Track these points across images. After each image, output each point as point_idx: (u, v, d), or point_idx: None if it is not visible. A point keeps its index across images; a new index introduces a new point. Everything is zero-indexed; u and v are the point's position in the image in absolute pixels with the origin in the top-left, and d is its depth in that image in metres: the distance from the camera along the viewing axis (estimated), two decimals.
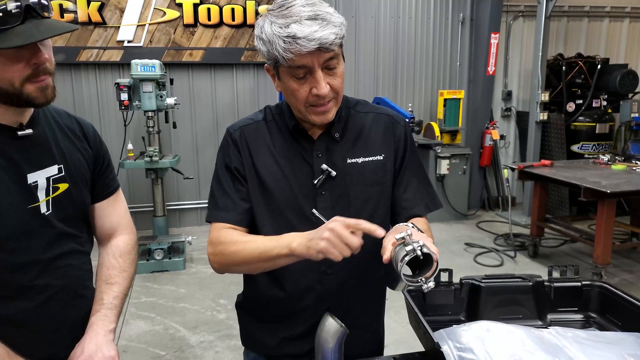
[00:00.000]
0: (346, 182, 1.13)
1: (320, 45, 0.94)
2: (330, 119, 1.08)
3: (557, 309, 1.31)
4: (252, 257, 1.05)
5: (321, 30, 0.94)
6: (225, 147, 1.16)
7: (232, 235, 1.09)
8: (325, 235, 0.91)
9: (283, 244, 0.99)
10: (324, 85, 1.00)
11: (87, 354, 1.05)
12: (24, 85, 0.94)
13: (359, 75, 5.63)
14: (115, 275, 1.20)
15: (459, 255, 4.48)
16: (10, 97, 0.95)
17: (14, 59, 0.92)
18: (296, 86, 1.02)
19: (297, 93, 1.03)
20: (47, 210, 1.04)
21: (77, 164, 1.12)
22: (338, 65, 1.03)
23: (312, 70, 0.99)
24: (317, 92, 1.01)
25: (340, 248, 0.91)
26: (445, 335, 0.94)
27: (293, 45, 0.94)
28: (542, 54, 5.19)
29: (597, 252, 3.60)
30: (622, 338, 0.96)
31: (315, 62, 0.98)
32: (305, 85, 1.02)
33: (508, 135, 6.24)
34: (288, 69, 1.01)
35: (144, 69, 3.93)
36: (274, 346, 1.21)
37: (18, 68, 0.93)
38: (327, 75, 1.01)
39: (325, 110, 1.05)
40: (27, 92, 0.95)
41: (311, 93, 1.02)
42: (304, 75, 1.00)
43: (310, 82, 1.01)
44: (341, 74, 1.04)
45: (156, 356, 2.86)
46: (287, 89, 1.05)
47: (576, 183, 3.56)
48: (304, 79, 1.01)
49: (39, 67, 0.95)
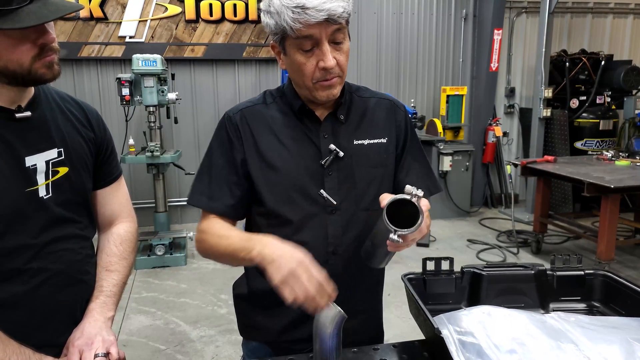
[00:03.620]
0: (352, 163, 1.13)
1: (329, 16, 0.95)
2: (335, 95, 1.07)
3: (559, 297, 1.28)
4: (224, 254, 1.06)
5: (330, 2, 0.95)
6: (222, 131, 1.15)
7: (215, 227, 1.10)
8: (292, 268, 0.89)
9: (248, 249, 0.98)
10: (330, 58, 1.00)
11: (87, 336, 1.04)
12: (33, 64, 0.94)
13: (362, 72, 5.61)
14: (115, 262, 1.19)
15: (462, 252, 4.46)
16: (17, 78, 0.95)
17: (21, 40, 0.92)
18: (303, 59, 1.02)
19: (304, 67, 1.03)
20: (46, 194, 1.02)
21: (78, 148, 1.11)
22: (344, 40, 1.03)
23: (320, 42, 0.99)
24: (324, 65, 1.01)
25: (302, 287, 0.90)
26: (446, 320, 0.93)
27: (302, 15, 0.95)
28: (545, 50, 5.15)
29: (601, 248, 3.57)
30: (626, 323, 0.94)
31: (323, 33, 0.98)
32: (312, 58, 1.02)
33: (511, 132, 6.21)
34: (295, 41, 1.00)
35: (145, 63, 3.92)
36: (276, 332, 1.19)
37: (26, 48, 0.92)
38: (333, 49, 1.02)
39: (330, 85, 1.05)
40: (35, 70, 0.95)
41: (318, 67, 1.02)
42: (311, 47, 1.01)
43: (317, 55, 1.01)
44: (347, 50, 1.05)
45: (156, 350, 2.85)
46: (293, 64, 1.05)
47: (579, 178, 3.54)
48: (311, 52, 1.01)
49: (45, 47, 0.95)
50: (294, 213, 1.11)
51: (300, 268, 0.89)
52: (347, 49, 1.05)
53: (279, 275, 0.89)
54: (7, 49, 0.91)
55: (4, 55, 0.91)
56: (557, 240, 4.74)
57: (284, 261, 0.90)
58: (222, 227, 1.09)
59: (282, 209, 1.11)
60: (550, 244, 4.63)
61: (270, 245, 0.95)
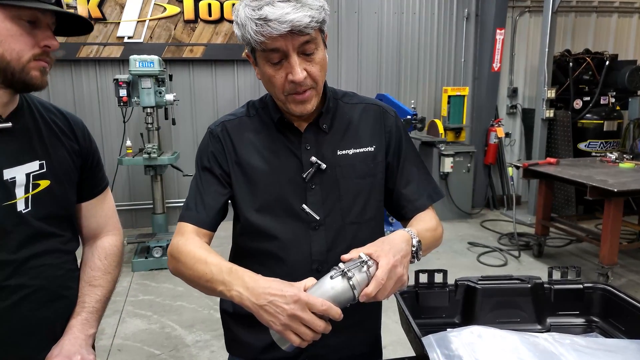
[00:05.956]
0: (336, 175, 1.08)
1: (292, 28, 0.90)
2: (309, 110, 1.02)
3: (557, 312, 1.24)
4: (199, 282, 0.97)
5: (294, 12, 0.89)
6: (204, 146, 1.13)
7: (192, 247, 1.01)
8: (284, 322, 0.81)
9: (227, 284, 0.90)
10: (299, 71, 0.95)
11: (65, 354, 1.01)
12: (30, 62, 0.94)
13: (362, 72, 5.56)
14: (99, 277, 1.15)
15: (462, 255, 4.40)
16: (7, 74, 0.93)
17: (29, 33, 0.93)
18: (272, 72, 0.98)
19: (274, 79, 0.98)
20: (25, 208, 0.99)
21: (62, 161, 1.07)
22: (316, 51, 0.97)
23: (287, 55, 0.94)
24: (292, 78, 0.96)
25: (302, 332, 0.82)
26: (434, 342, 0.88)
27: (264, 28, 0.90)
28: (548, 50, 5.08)
29: (604, 252, 3.51)
30: (625, 346, 0.89)
31: (289, 46, 0.93)
32: (280, 71, 0.97)
33: (513, 132, 6.14)
34: (263, 54, 0.96)
35: (142, 64, 3.89)
36: (259, 349, 1.15)
37: (30, 43, 0.93)
38: (303, 60, 0.96)
39: (303, 100, 1.00)
40: (29, 70, 0.94)
41: (287, 80, 0.97)
42: (279, 60, 0.96)
43: (286, 68, 0.96)
44: (320, 61, 0.99)
45: (151, 355, 2.82)
46: (264, 76, 1.01)
47: (582, 181, 3.48)
48: (279, 65, 0.96)
49: (47, 51, 0.96)
50: (276, 229, 1.06)
51: (297, 308, 0.81)
52: (321, 59, 0.99)
53: (277, 324, 0.82)
54: (14, 36, 0.91)
55: (7, 41, 0.91)
56: (560, 243, 4.67)
57: (279, 306, 0.82)
58: (201, 247, 1.01)
59: (265, 224, 1.07)
60: (553, 247, 4.57)
61: (252, 288, 0.86)
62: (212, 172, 1.09)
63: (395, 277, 0.86)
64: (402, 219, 1.19)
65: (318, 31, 0.96)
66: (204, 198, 1.08)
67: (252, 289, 0.86)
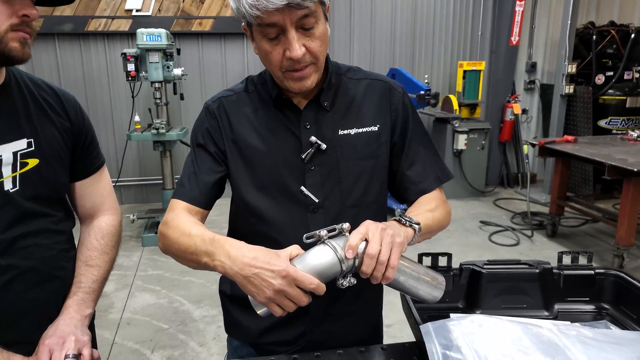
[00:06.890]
0: (337, 156, 1.03)
1: (289, 1, 0.83)
2: (308, 87, 0.96)
3: (566, 298, 1.19)
4: (184, 255, 0.94)
5: None
6: (200, 122, 1.09)
7: (179, 221, 0.98)
8: (269, 295, 0.80)
9: (210, 255, 0.87)
10: (297, 47, 0.89)
11: (60, 335, 1.00)
12: (7, 32, 0.88)
13: (375, 46, 5.41)
14: (95, 257, 1.14)
15: (474, 234, 4.34)
16: None
17: (5, 3, 0.86)
18: (269, 48, 0.92)
19: (271, 56, 0.92)
20: (12, 187, 0.96)
21: (51, 139, 1.04)
22: (316, 25, 0.91)
23: (285, 30, 0.88)
24: (289, 55, 0.90)
25: (286, 305, 0.81)
26: (432, 331, 0.84)
27: (260, 1, 0.84)
28: (571, 22, 4.85)
29: (620, 233, 3.42)
30: (634, 338, 0.84)
31: (286, 20, 0.87)
32: (278, 47, 0.91)
33: (531, 109, 5.96)
34: (259, 28, 0.90)
35: (149, 38, 3.82)
36: (257, 333, 1.13)
37: (7, 13, 0.87)
38: (302, 36, 0.90)
39: (301, 76, 0.94)
40: (7, 41, 0.88)
41: (285, 56, 0.91)
42: (277, 35, 0.90)
43: (283, 44, 0.90)
44: (320, 35, 0.92)
45: (159, 329, 2.86)
46: (260, 52, 0.95)
47: (600, 160, 3.36)
48: (276, 40, 0.90)
49: (26, 21, 0.90)
50: (273, 211, 1.02)
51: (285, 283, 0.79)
52: (321, 34, 0.92)
53: (261, 297, 0.80)
54: None
55: None
56: (575, 223, 4.57)
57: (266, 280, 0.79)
58: (187, 221, 0.98)
59: (260, 206, 1.03)
60: (567, 227, 4.47)
61: (235, 257, 0.83)
62: (206, 150, 1.06)
63: (389, 237, 0.83)
64: (405, 201, 1.13)
65: (318, 3, 0.90)
66: (197, 175, 1.05)
67: (234, 258, 0.83)
